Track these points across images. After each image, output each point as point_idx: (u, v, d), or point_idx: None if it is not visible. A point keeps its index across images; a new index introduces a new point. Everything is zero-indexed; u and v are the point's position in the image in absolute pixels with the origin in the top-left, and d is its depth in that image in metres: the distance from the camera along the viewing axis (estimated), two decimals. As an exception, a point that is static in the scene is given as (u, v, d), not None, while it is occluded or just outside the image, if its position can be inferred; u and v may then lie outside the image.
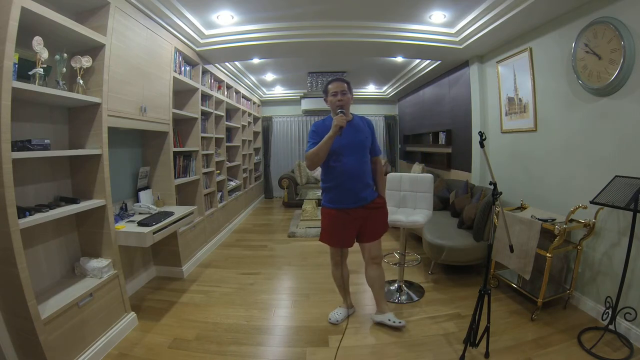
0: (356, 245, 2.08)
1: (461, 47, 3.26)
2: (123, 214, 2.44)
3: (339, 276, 2.19)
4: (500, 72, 3.19)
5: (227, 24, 3.01)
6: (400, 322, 2.06)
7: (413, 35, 3.15)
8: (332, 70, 4.95)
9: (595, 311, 2.15)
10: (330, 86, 1.95)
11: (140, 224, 2.21)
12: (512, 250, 1.71)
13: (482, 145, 1.65)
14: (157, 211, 2.54)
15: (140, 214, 2.50)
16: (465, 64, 3.81)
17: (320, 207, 1.98)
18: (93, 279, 1.93)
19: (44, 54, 1.60)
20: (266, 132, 7.17)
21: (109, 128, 2.01)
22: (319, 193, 5.32)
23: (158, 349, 1.94)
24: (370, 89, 6.69)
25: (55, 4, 1.81)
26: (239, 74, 4.85)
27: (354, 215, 1.94)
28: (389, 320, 2.08)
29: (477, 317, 1.68)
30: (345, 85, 1.93)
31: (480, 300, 1.68)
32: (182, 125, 3.39)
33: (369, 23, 3.01)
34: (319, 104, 6.86)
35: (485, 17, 2.70)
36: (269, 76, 5.40)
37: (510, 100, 3.07)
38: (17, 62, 1.48)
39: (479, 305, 1.68)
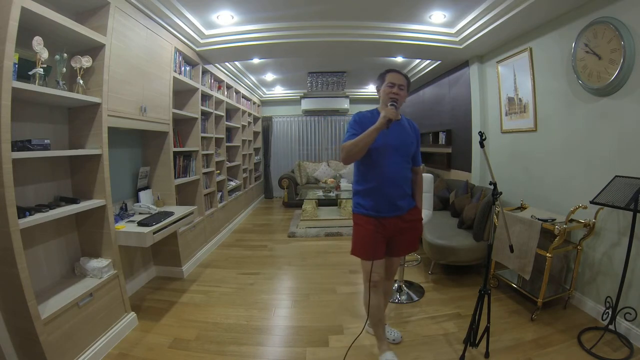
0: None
1: (461, 47, 3.26)
2: (123, 214, 2.44)
3: (376, 303, 1.70)
4: (500, 72, 3.19)
5: (227, 24, 3.01)
6: (394, 340, 1.94)
7: (413, 35, 3.15)
8: (332, 70, 4.96)
9: (595, 311, 2.15)
10: (389, 75, 1.70)
11: (140, 224, 2.20)
12: (512, 250, 1.71)
13: (482, 145, 1.65)
14: (157, 211, 2.54)
15: (140, 214, 2.50)
16: (465, 64, 3.81)
17: (354, 214, 1.78)
18: (93, 279, 1.93)
19: (44, 54, 1.60)
20: (266, 132, 7.17)
21: (109, 128, 2.01)
22: (319, 193, 5.32)
23: (158, 349, 1.94)
24: (371, 89, 6.68)
25: (55, 4, 1.81)
26: (239, 74, 4.85)
27: (387, 226, 1.71)
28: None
29: (477, 317, 1.68)
30: (405, 80, 1.72)
31: (480, 300, 1.68)
32: (182, 125, 3.39)
33: (369, 23, 3.01)
34: (319, 103, 6.86)
35: (485, 17, 2.70)
36: (269, 76, 5.40)
37: (510, 100, 3.07)
38: (17, 62, 1.48)
39: (479, 305, 1.68)
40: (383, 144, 1.62)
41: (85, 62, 1.87)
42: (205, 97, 3.75)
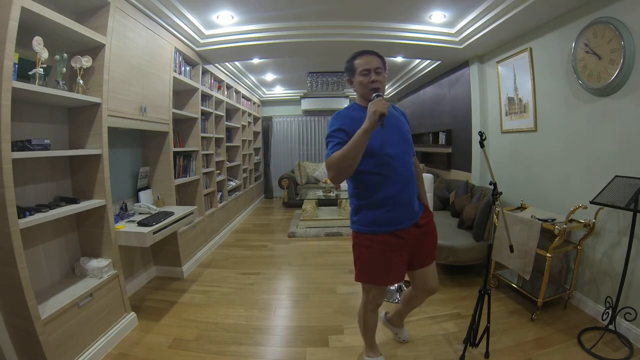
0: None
1: (461, 47, 3.26)
2: (123, 214, 2.44)
3: (374, 322, 1.67)
4: (500, 72, 3.19)
5: (227, 24, 3.01)
6: (402, 338, 1.97)
7: (413, 35, 3.15)
8: (332, 70, 4.95)
9: (595, 311, 2.15)
10: (358, 61, 1.42)
11: (140, 224, 2.20)
12: (512, 250, 1.71)
13: (482, 145, 1.65)
14: (157, 211, 2.54)
15: (140, 214, 2.50)
16: (465, 64, 3.81)
17: (359, 234, 1.50)
18: (93, 279, 1.93)
19: (44, 54, 1.60)
20: (266, 132, 7.17)
21: (109, 128, 2.01)
22: (319, 193, 5.32)
23: (158, 349, 1.94)
24: (370, 89, 6.68)
25: (55, 4, 1.81)
26: (239, 74, 4.85)
27: (406, 239, 1.46)
28: (395, 332, 1.99)
29: (477, 317, 1.69)
30: (380, 60, 1.42)
31: (480, 300, 1.68)
32: (182, 125, 3.39)
33: (369, 23, 3.01)
34: (319, 104, 6.86)
35: (485, 17, 2.70)
36: (269, 76, 5.40)
37: (510, 100, 3.07)
38: (17, 62, 1.48)
39: (479, 305, 1.68)
40: (386, 142, 1.35)
41: (85, 62, 1.87)
42: (205, 97, 3.75)
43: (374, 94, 1.32)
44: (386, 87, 6.42)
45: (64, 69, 1.80)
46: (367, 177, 1.41)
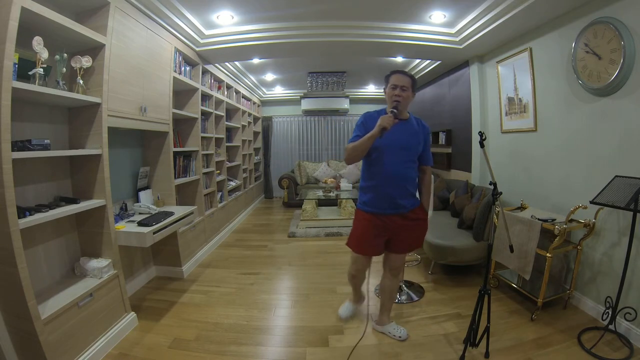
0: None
1: (461, 47, 3.26)
2: (123, 214, 2.44)
3: (358, 283, 2.10)
4: (500, 72, 3.19)
5: (227, 24, 3.02)
6: (400, 337, 1.98)
7: (413, 35, 3.15)
8: (332, 70, 4.96)
9: (595, 311, 2.15)
10: (392, 77, 1.76)
11: (140, 224, 2.20)
12: (512, 250, 1.71)
13: (482, 145, 1.65)
14: (157, 211, 2.54)
15: (140, 214, 2.50)
16: (465, 64, 3.81)
17: (356, 209, 1.91)
18: (93, 279, 1.93)
19: (44, 54, 1.60)
20: (266, 132, 7.17)
21: (109, 128, 2.01)
22: (319, 193, 5.32)
23: (158, 349, 1.94)
24: (371, 89, 6.69)
25: (55, 4, 1.81)
26: (239, 74, 4.85)
27: (387, 223, 1.78)
28: (389, 333, 2.02)
29: (477, 317, 1.69)
30: (409, 80, 1.74)
31: (480, 300, 1.68)
32: (182, 125, 3.39)
33: (369, 23, 3.01)
34: (319, 103, 6.86)
35: (485, 17, 2.70)
36: (269, 76, 5.40)
37: (510, 100, 3.07)
38: (17, 62, 1.48)
39: (479, 305, 1.68)
40: (388, 143, 1.66)
41: (85, 62, 1.87)
42: (205, 97, 3.75)
43: (391, 110, 1.66)
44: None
45: (64, 69, 1.80)
46: (366, 166, 1.80)
